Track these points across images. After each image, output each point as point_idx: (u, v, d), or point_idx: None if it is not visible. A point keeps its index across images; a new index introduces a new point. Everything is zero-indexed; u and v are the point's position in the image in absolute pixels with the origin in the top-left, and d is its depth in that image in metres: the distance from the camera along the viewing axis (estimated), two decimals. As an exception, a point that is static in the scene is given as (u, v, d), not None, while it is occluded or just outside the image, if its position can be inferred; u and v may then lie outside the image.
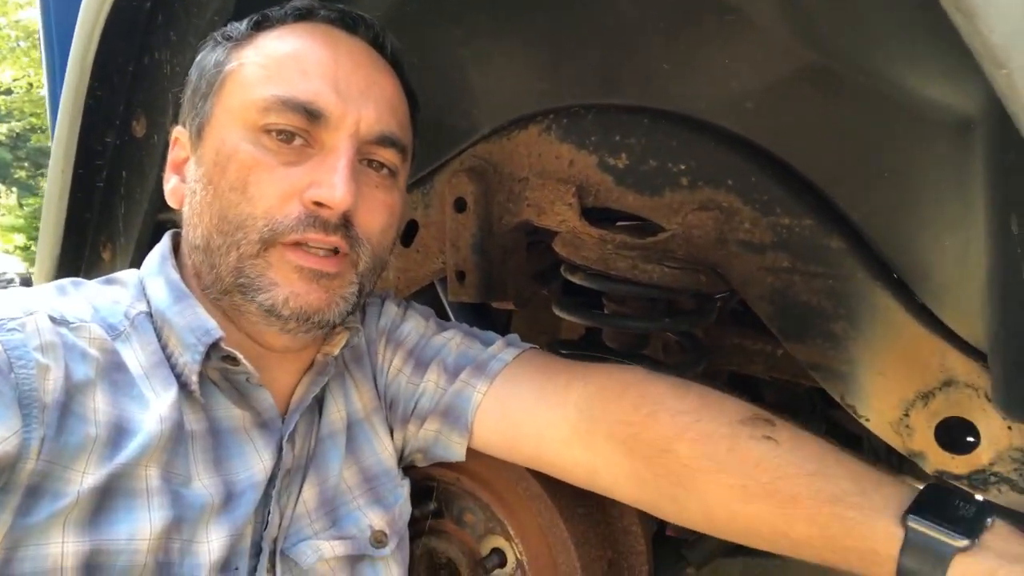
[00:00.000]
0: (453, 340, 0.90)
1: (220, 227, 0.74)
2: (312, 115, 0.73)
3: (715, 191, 0.93)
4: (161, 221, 1.14)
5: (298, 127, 0.73)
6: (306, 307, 0.74)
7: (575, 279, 1.04)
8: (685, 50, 0.91)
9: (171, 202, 0.82)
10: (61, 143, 1.07)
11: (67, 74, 1.02)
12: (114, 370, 0.69)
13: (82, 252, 1.21)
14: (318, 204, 0.73)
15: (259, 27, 0.80)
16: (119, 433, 0.67)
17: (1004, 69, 0.42)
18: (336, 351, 0.84)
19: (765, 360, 1.16)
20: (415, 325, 0.93)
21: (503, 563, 0.86)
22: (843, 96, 0.84)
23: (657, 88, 0.95)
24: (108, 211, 1.18)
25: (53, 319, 0.68)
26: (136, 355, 0.72)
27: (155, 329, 0.75)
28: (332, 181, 0.72)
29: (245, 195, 0.73)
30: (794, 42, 0.83)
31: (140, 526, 0.65)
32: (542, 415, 0.80)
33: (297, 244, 0.73)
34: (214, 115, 0.77)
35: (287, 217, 0.72)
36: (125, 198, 1.16)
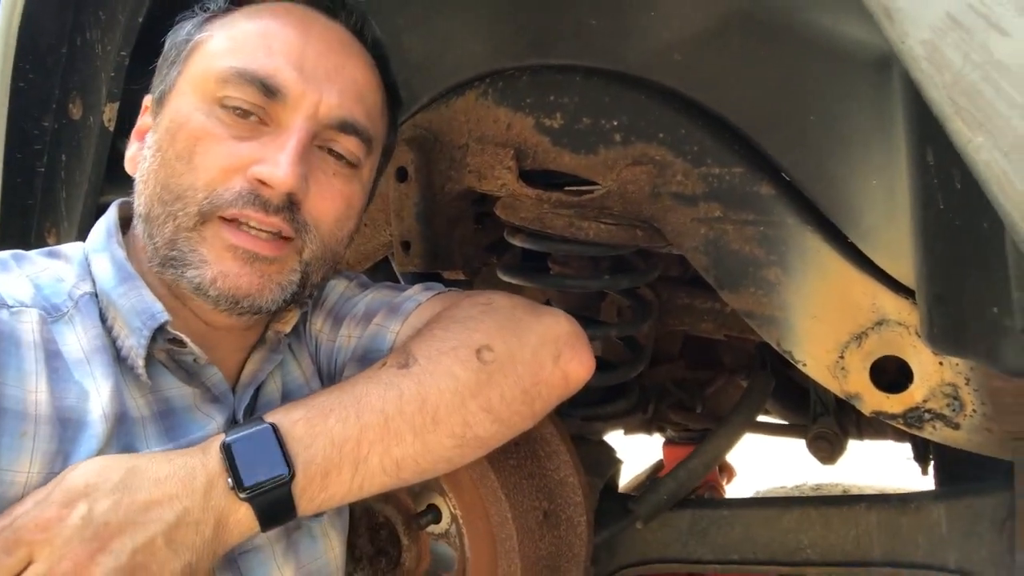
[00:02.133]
0: (370, 294, 0.90)
1: (161, 196, 0.72)
2: (269, 91, 0.71)
3: (647, 145, 0.93)
4: (103, 204, 1.13)
5: (254, 103, 0.71)
6: (234, 290, 0.71)
7: (516, 241, 1.04)
8: (612, 5, 0.91)
9: (128, 169, 0.79)
10: (-8, 127, 1.06)
11: (-6, 56, 1.01)
12: (54, 358, 0.67)
13: (28, 238, 1.20)
14: (261, 182, 0.70)
15: (238, 1, 0.79)
16: (63, 426, 0.65)
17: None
18: (288, 329, 0.84)
19: (714, 318, 1.16)
20: (336, 286, 0.92)
21: (438, 518, 0.86)
22: (766, 42, 0.84)
23: (587, 45, 0.95)
24: (50, 196, 1.17)
25: None
26: (79, 339, 0.70)
27: (100, 311, 0.73)
28: (277, 159, 0.70)
29: (190, 165, 0.71)
30: (714, -11, 0.83)
31: None
32: None
33: (235, 220, 0.71)
34: (176, 84, 0.76)
35: (229, 191, 0.70)
36: (66, 182, 1.15)
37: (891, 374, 0.88)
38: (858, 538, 0.98)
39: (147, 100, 0.80)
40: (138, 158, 0.78)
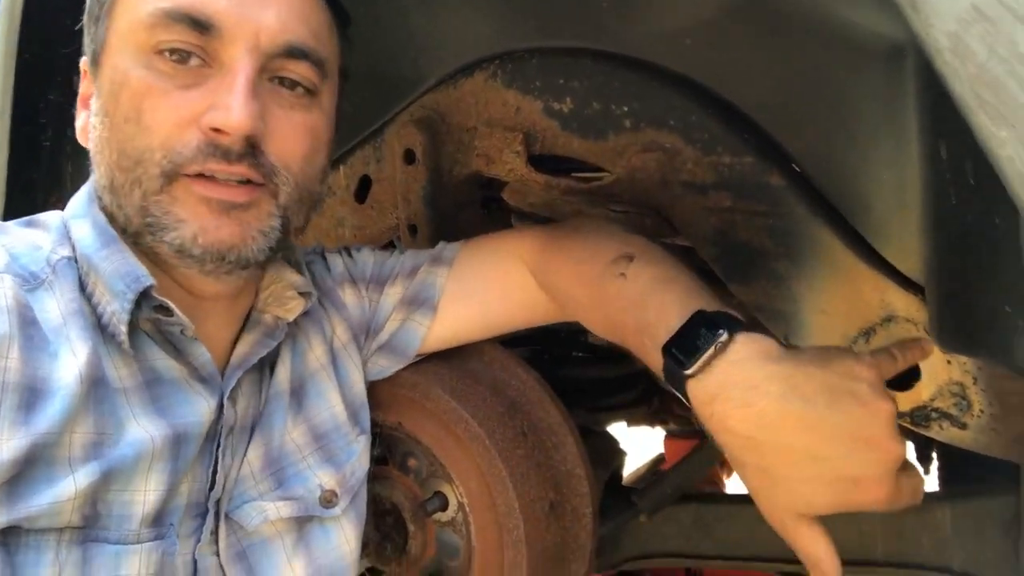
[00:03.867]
0: (400, 255, 0.96)
1: (120, 163, 0.68)
2: (201, 26, 0.66)
3: (658, 132, 0.91)
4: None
5: (190, 42, 0.66)
6: (217, 243, 0.68)
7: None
8: (623, -13, 0.89)
9: (80, 140, 0.76)
10: (-2, 100, 1.05)
11: (-1, 28, 1.00)
12: (29, 325, 0.65)
13: (32, 213, 1.19)
14: (217, 130, 0.66)
15: None
16: (33, 394, 0.62)
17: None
18: (291, 317, 0.82)
19: (721, 309, 1.15)
20: (365, 257, 0.96)
21: (445, 506, 0.86)
22: (778, 30, 0.82)
23: (597, 29, 0.93)
24: (56, 170, 1.17)
25: None
26: (57, 303, 0.67)
27: (80, 276, 0.70)
28: (228, 103, 0.65)
29: (140, 125, 0.66)
30: (727, -25, 0.81)
31: (64, 490, 0.62)
32: (504, 277, 0.91)
33: (201, 176, 0.67)
34: (107, 41, 0.71)
35: (186, 147, 0.66)
36: (71, 156, 1.15)
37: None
38: (861, 537, 0.97)
39: (83, 63, 0.75)
40: (88, 127, 0.74)
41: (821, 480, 0.62)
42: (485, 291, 0.91)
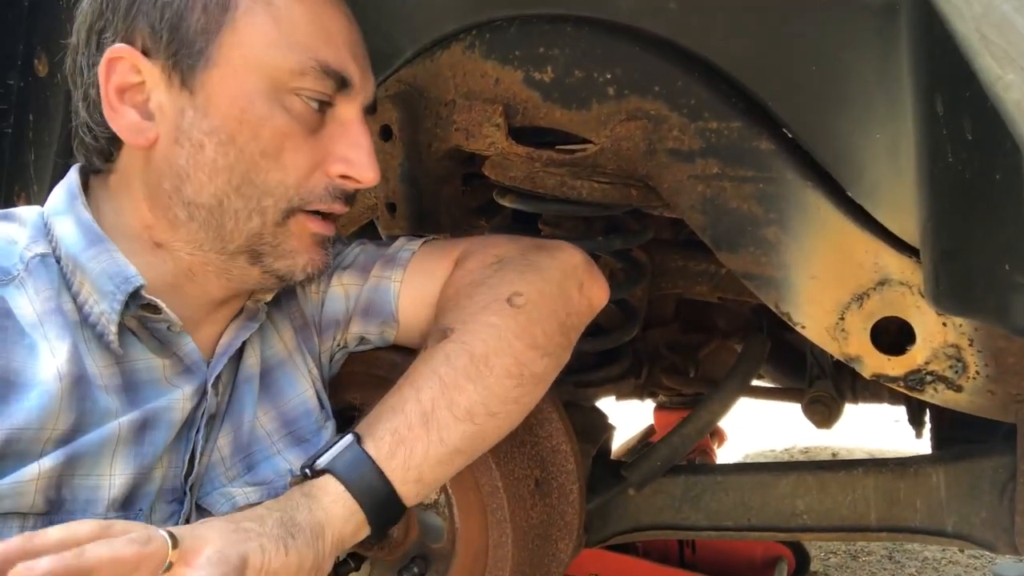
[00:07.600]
0: (357, 248, 0.93)
1: (242, 190, 0.71)
2: (343, 84, 0.74)
3: (642, 99, 0.89)
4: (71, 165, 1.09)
5: (329, 95, 0.74)
6: (317, 271, 0.79)
7: (505, 202, 1.01)
8: (603, -50, 0.87)
9: (132, 140, 0.71)
10: (-47, 83, 1.01)
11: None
12: (3, 317, 0.65)
13: (-5, 202, 1.15)
14: (345, 177, 0.75)
15: None
16: (6, 386, 0.63)
17: None
18: (268, 298, 0.83)
19: (709, 280, 1.13)
20: None
21: (428, 487, 0.84)
22: (765, -13, 0.80)
23: (577, -8, 0.90)
24: (18, 158, 1.12)
25: None
26: (30, 301, 0.67)
27: (64, 274, 0.70)
28: (363, 160, 0.75)
29: (278, 162, 0.72)
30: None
31: (27, 471, 0.62)
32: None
33: (315, 213, 0.76)
34: (223, 61, 0.69)
35: (316, 187, 0.74)
36: (34, 143, 1.10)
37: (891, 335, 0.85)
38: (855, 503, 0.96)
39: (123, 52, 0.69)
40: (151, 131, 0.70)
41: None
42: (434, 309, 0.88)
